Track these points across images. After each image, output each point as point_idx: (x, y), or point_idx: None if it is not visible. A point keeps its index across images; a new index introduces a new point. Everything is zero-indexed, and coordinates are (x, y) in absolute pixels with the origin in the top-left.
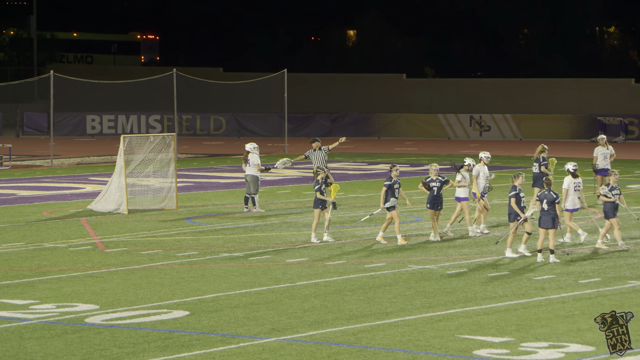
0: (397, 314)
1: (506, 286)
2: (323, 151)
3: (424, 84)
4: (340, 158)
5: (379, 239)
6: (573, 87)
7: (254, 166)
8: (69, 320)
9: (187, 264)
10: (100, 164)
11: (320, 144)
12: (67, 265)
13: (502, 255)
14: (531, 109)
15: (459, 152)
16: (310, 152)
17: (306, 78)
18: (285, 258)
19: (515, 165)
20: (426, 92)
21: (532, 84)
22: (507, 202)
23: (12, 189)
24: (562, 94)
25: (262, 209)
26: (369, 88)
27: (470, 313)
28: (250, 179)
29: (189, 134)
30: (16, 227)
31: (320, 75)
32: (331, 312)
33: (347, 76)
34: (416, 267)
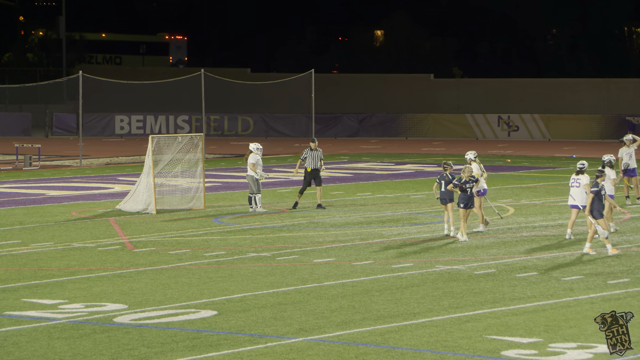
0: (425, 314)
1: (534, 287)
2: (320, 151)
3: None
4: (367, 158)
5: (588, 251)
6: (602, 87)
7: (249, 166)
8: (97, 320)
9: (214, 264)
10: (128, 164)
11: (316, 144)
12: (95, 265)
13: (529, 256)
14: (560, 109)
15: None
16: (307, 152)
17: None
18: (312, 258)
19: (544, 166)
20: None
21: (560, 84)
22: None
23: (41, 189)
24: (590, 94)
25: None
26: (397, 88)
27: (498, 314)
28: (250, 179)
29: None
30: (45, 227)
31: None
32: (359, 313)
33: (374, 76)
34: (444, 267)
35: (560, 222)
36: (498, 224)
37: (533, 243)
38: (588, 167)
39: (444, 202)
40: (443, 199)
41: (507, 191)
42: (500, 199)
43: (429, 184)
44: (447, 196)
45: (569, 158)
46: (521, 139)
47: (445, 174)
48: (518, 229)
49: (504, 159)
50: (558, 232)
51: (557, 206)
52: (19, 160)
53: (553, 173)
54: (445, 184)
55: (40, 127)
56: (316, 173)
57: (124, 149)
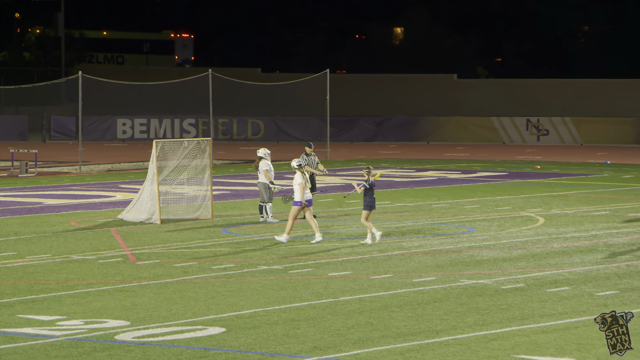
0: (448, 332)
1: (566, 302)
2: (315, 156)
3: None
4: (386, 164)
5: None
6: (637, 88)
7: (262, 172)
8: (98, 337)
9: (223, 278)
10: (131, 171)
11: (312, 149)
12: (96, 279)
13: (560, 269)
14: (592, 111)
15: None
16: (303, 157)
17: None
18: (327, 271)
19: (576, 173)
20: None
21: (593, 84)
22: None
23: (38, 197)
24: (625, 96)
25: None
26: (417, 89)
27: (527, 331)
28: (261, 187)
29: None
30: (42, 237)
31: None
32: (377, 330)
33: (393, 77)
34: (468, 281)
35: (593, 233)
36: (527, 235)
37: (564, 256)
38: (624, 174)
39: (372, 208)
40: (371, 205)
41: (536, 200)
42: (528, 209)
43: (452, 191)
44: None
45: (602, 164)
46: (551, 144)
47: (368, 178)
48: (548, 241)
49: (532, 165)
50: (591, 244)
51: (590, 216)
52: (14, 166)
53: (586, 180)
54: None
55: (37, 131)
56: (312, 179)
57: (127, 154)
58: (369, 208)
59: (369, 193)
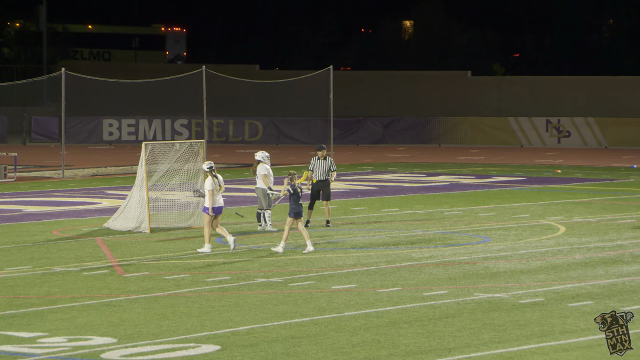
0: (462, 350)
1: (588, 318)
2: (328, 161)
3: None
4: (394, 168)
5: None
6: None
7: (260, 177)
8: (82, 355)
9: (218, 291)
10: (118, 176)
11: (325, 153)
12: (80, 292)
13: (583, 282)
14: (617, 111)
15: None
16: (314, 161)
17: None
18: (330, 284)
19: (600, 178)
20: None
21: (618, 82)
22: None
23: (18, 204)
24: None
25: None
26: (428, 88)
27: (547, 349)
28: (260, 193)
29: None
30: (22, 248)
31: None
32: (384, 348)
33: (402, 74)
34: (483, 295)
35: (618, 242)
36: (547, 246)
37: (587, 267)
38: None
39: (300, 216)
40: (298, 212)
41: (557, 207)
42: (548, 216)
43: (465, 198)
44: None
45: (629, 168)
46: (573, 146)
47: (293, 183)
48: (570, 251)
49: (553, 169)
50: (616, 255)
51: (615, 224)
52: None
53: (610, 186)
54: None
55: (17, 132)
56: (324, 185)
57: (113, 158)
58: (295, 215)
59: (293, 198)
